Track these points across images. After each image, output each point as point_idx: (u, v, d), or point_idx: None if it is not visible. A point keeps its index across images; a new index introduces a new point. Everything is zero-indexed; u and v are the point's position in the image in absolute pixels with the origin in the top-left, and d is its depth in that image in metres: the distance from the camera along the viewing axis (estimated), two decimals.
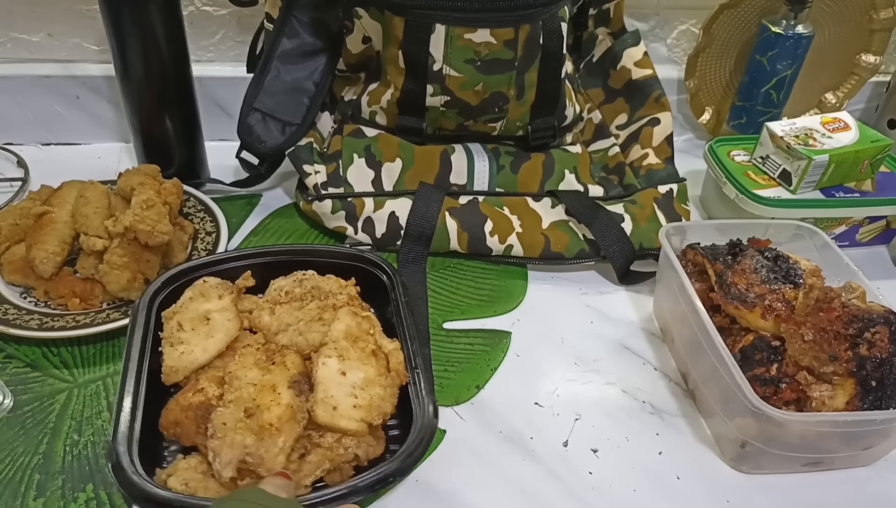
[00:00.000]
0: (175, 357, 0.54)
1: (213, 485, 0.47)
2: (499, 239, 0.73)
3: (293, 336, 0.56)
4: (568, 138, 0.84)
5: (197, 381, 0.52)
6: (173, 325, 0.56)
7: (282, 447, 0.47)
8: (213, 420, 0.48)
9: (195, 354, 0.54)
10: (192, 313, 0.57)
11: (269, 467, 0.46)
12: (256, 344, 0.54)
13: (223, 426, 0.47)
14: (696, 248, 0.66)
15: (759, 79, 0.90)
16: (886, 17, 0.92)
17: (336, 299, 0.59)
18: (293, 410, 0.49)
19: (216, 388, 0.51)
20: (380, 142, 0.78)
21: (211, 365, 0.54)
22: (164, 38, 0.72)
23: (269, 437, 0.47)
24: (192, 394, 0.50)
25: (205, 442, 0.48)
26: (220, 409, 0.48)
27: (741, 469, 0.56)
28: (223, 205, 0.77)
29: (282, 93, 0.77)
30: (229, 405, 0.48)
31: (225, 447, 0.46)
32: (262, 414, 0.48)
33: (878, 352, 0.53)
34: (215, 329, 0.56)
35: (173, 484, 0.47)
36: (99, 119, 0.89)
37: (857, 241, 0.82)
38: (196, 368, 0.53)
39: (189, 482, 0.47)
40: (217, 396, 0.50)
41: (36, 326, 0.60)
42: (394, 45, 0.72)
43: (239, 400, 0.48)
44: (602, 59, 0.88)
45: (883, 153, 0.78)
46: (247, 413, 0.48)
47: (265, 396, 0.49)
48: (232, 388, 0.49)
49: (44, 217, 0.66)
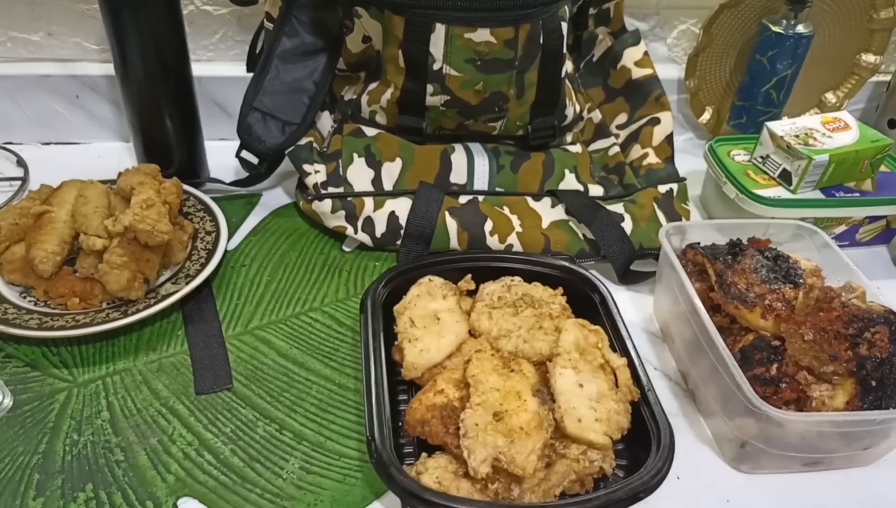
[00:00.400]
0: (415, 353, 0.56)
1: (464, 485, 0.48)
2: (499, 238, 0.73)
3: (518, 342, 0.57)
4: (568, 138, 0.84)
5: (435, 383, 0.53)
6: (406, 321, 0.58)
7: (532, 448, 0.47)
8: (465, 420, 0.49)
9: (432, 353, 0.56)
10: (422, 310, 0.59)
11: (520, 466, 0.47)
12: (490, 350, 0.56)
13: (475, 426, 0.48)
14: (696, 248, 0.66)
15: (759, 78, 0.90)
16: (886, 17, 0.92)
17: (550, 308, 0.60)
18: (540, 417, 0.50)
19: (454, 390, 0.52)
20: (380, 141, 0.78)
21: (442, 365, 0.56)
22: (164, 37, 0.72)
23: (519, 441, 0.48)
24: (434, 395, 0.52)
25: (454, 442, 0.49)
26: (468, 410, 0.49)
27: (741, 468, 0.56)
28: (223, 204, 0.77)
29: (281, 93, 0.77)
30: (477, 408, 0.49)
31: (478, 446, 0.47)
32: (510, 418, 0.49)
33: (878, 352, 0.53)
34: (446, 329, 0.57)
35: (426, 482, 0.48)
36: (99, 119, 0.89)
37: (857, 241, 0.82)
38: (431, 366, 0.55)
39: (442, 480, 0.48)
40: (458, 398, 0.52)
41: (35, 326, 0.60)
42: (394, 44, 0.72)
43: (486, 404, 0.50)
44: (602, 58, 0.88)
45: (883, 153, 0.78)
46: (496, 416, 0.49)
47: (511, 402, 0.50)
48: (477, 392, 0.50)
49: (43, 216, 0.66)
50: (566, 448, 0.50)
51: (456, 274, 0.65)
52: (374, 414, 0.51)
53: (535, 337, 0.57)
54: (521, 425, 0.48)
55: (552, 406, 0.52)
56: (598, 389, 0.53)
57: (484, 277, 0.65)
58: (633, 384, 0.55)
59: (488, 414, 0.49)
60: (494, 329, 0.58)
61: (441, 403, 0.51)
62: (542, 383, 0.54)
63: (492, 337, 0.58)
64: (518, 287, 0.63)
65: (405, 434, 0.53)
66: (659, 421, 0.52)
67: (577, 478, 0.50)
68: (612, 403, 0.52)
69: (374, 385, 0.53)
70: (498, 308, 0.60)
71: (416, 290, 0.61)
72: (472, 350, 0.56)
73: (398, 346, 0.58)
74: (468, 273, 0.65)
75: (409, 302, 0.60)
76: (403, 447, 0.54)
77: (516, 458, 0.47)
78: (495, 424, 0.48)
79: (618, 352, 0.58)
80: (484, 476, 0.47)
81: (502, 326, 0.58)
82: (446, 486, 0.47)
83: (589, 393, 0.52)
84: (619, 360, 0.56)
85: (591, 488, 0.51)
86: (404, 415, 0.52)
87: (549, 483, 0.49)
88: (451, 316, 0.59)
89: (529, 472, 0.47)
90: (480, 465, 0.47)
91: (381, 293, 0.62)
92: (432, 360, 0.55)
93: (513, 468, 0.47)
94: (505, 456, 0.47)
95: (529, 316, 0.59)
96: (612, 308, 0.62)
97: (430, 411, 0.51)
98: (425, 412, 0.51)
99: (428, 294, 0.61)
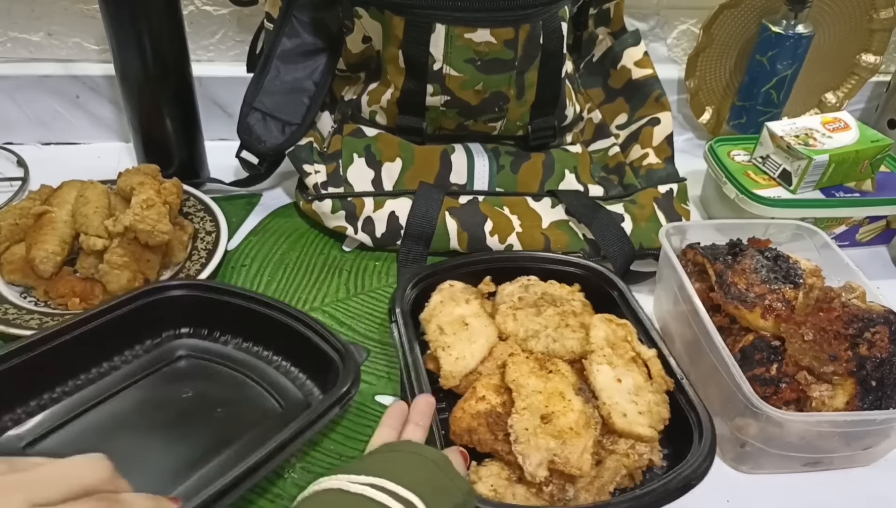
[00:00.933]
0: (451, 362, 0.56)
1: (520, 490, 0.48)
2: (499, 238, 0.73)
3: (548, 342, 0.57)
4: (568, 138, 0.84)
5: (475, 390, 0.53)
6: (435, 329, 0.58)
7: (584, 447, 0.48)
8: (513, 426, 0.49)
9: (467, 360, 0.56)
10: (448, 317, 0.59)
11: (576, 466, 0.47)
12: (523, 353, 0.56)
13: (525, 431, 0.48)
14: (696, 248, 0.66)
15: (759, 78, 0.90)
16: (886, 17, 0.92)
17: (571, 305, 0.60)
18: (587, 416, 0.50)
19: (495, 396, 0.52)
20: (380, 141, 0.78)
21: (477, 371, 0.56)
22: (164, 37, 0.72)
23: (570, 441, 0.48)
24: (476, 402, 0.52)
25: (504, 448, 0.49)
26: (515, 415, 0.49)
27: (741, 468, 0.56)
28: (223, 204, 0.77)
29: (282, 93, 0.77)
30: (524, 412, 0.49)
31: (532, 450, 0.47)
32: (558, 419, 0.49)
33: (878, 352, 0.53)
34: (476, 334, 0.58)
35: (482, 490, 0.48)
36: (99, 119, 0.89)
37: (857, 241, 0.82)
38: (467, 373, 0.55)
39: (497, 488, 0.48)
40: (500, 403, 0.52)
41: (36, 326, 0.60)
42: (394, 44, 0.72)
43: (532, 408, 0.50)
44: (602, 58, 0.88)
45: (883, 153, 0.78)
46: (544, 419, 0.49)
47: (556, 403, 0.50)
48: (521, 396, 0.51)
49: (44, 217, 0.66)
50: (614, 444, 0.51)
51: (471, 276, 0.65)
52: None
53: (563, 336, 0.57)
54: (570, 425, 0.49)
55: (594, 403, 0.52)
56: (634, 382, 0.53)
57: (499, 278, 0.65)
58: (666, 373, 0.55)
59: (536, 418, 0.49)
60: (521, 330, 0.59)
61: (485, 410, 0.51)
62: (580, 381, 0.55)
63: (520, 339, 0.58)
64: (535, 286, 0.63)
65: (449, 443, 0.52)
66: (697, 408, 0.52)
67: (627, 472, 0.50)
68: (650, 395, 0.53)
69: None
70: (520, 309, 0.60)
71: (438, 297, 0.61)
72: (503, 353, 0.56)
73: (431, 355, 0.58)
74: (485, 274, 0.65)
75: (434, 310, 0.60)
76: None
77: (571, 458, 0.47)
78: (544, 427, 0.48)
79: (645, 344, 0.58)
80: (542, 479, 0.47)
81: (528, 327, 0.59)
82: (502, 494, 0.47)
83: (627, 387, 0.53)
84: (649, 352, 0.57)
85: (640, 481, 0.51)
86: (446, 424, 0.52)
87: (602, 480, 0.49)
88: (478, 320, 0.59)
89: (586, 470, 0.47)
90: (537, 469, 0.47)
91: (408, 299, 0.61)
92: (468, 367, 0.55)
93: (568, 468, 0.47)
94: (559, 458, 0.47)
95: (553, 314, 0.59)
96: (630, 300, 0.62)
97: (476, 419, 0.51)
98: (470, 420, 0.51)
99: (451, 299, 0.61)
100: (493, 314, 0.61)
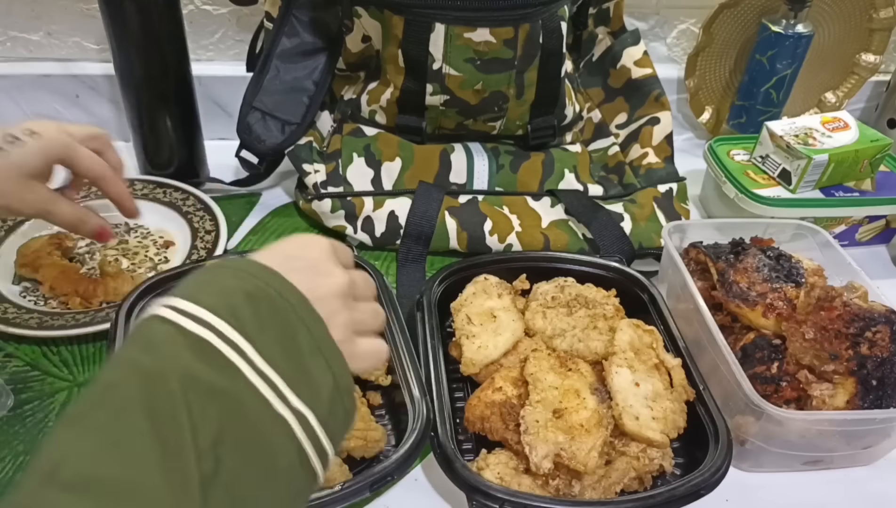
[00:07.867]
0: (473, 350, 0.56)
1: (526, 480, 0.49)
2: (498, 238, 0.73)
3: (573, 342, 0.58)
4: (568, 137, 0.84)
5: (493, 380, 0.54)
6: (462, 318, 0.58)
7: (593, 445, 0.48)
8: (525, 417, 0.49)
9: (489, 350, 0.57)
10: (478, 308, 0.59)
11: (582, 462, 0.47)
12: (546, 349, 0.56)
13: (535, 423, 0.49)
14: (698, 247, 0.66)
15: (758, 78, 0.90)
16: (886, 17, 0.92)
17: (604, 309, 0.60)
18: (599, 415, 0.50)
19: (512, 388, 0.53)
20: (379, 141, 0.78)
21: (499, 363, 0.56)
22: (163, 37, 0.72)
23: (579, 437, 0.48)
24: (492, 392, 0.53)
25: (514, 438, 0.50)
26: (528, 407, 0.50)
27: (741, 467, 0.56)
28: (223, 204, 0.77)
29: (281, 93, 0.77)
30: (537, 405, 0.50)
31: (539, 442, 0.48)
32: (570, 415, 0.49)
33: (878, 352, 0.53)
34: (502, 327, 0.58)
35: (488, 477, 0.48)
36: (99, 118, 0.89)
37: (857, 241, 0.82)
38: (489, 363, 0.56)
39: (503, 476, 0.49)
40: (516, 395, 0.52)
41: (35, 325, 0.60)
42: (393, 44, 0.72)
43: (546, 402, 0.50)
44: (602, 58, 0.88)
45: (882, 152, 0.78)
46: (556, 413, 0.49)
47: (570, 399, 0.51)
48: (536, 390, 0.51)
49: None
50: (626, 446, 0.51)
51: (509, 273, 0.65)
52: (436, 409, 0.51)
53: (589, 337, 0.58)
54: (581, 422, 0.49)
55: (610, 404, 0.52)
56: (653, 388, 0.53)
57: (537, 277, 0.65)
58: (688, 384, 0.55)
59: (548, 411, 0.50)
60: (549, 328, 0.59)
61: (500, 400, 0.52)
62: (598, 382, 0.55)
63: (546, 336, 0.59)
64: (571, 287, 0.63)
65: (463, 430, 0.54)
66: (716, 419, 0.53)
67: (636, 475, 0.51)
68: (668, 402, 0.53)
69: (435, 382, 0.54)
70: (552, 308, 0.61)
71: (472, 288, 0.62)
72: (528, 348, 0.57)
73: (455, 342, 0.59)
74: (522, 272, 0.66)
75: (465, 300, 0.61)
76: (462, 443, 0.54)
77: (577, 454, 0.47)
78: (555, 421, 0.49)
79: (671, 353, 0.58)
80: (546, 471, 0.47)
81: (556, 325, 0.59)
82: (508, 482, 0.48)
83: (645, 392, 0.53)
84: (673, 361, 0.57)
85: (649, 485, 0.51)
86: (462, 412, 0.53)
87: (610, 480, 0.49)
88: (507, 314, 0.59)
89: (591, 468, 0.48)
90: (542, 461, 0.47)
91: (436, 291, 0.62)
92: (490, 357, 0.56)
93: (574, 464, 0.47)
94: (566, 452, 0.48)
95: (583, 316, 0.60)
96: (662, 308, 0.62)
97: (490, 408, 0.52)
98: (485, 408, 0.52)
99: (484, 292, 0.61)
100: (523, 311, 0.61)
